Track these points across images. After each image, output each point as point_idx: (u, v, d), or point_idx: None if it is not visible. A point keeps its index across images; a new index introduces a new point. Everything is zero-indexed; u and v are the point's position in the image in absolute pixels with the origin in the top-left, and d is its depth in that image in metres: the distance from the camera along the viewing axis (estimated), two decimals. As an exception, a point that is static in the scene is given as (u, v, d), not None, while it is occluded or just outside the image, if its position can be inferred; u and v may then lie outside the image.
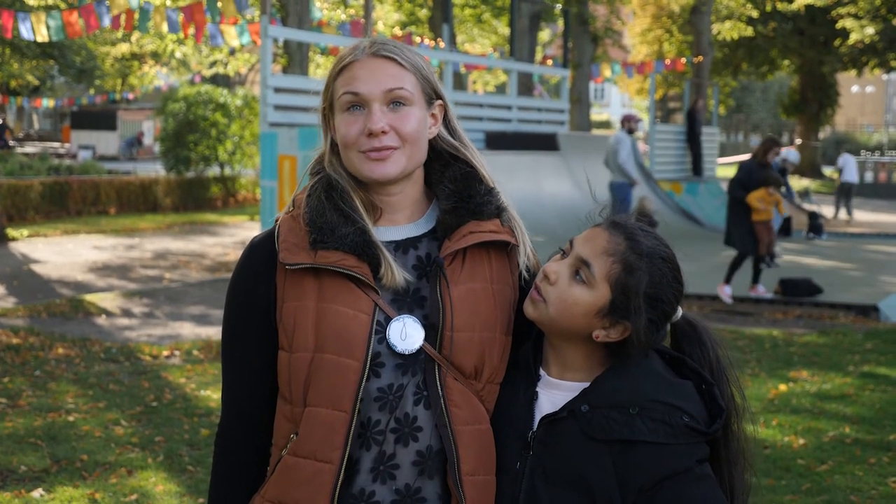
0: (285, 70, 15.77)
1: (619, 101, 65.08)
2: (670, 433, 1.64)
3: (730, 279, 10.02)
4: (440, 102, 1.78)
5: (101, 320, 9.26)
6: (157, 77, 35.21)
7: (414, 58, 1.74)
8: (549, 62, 26.10)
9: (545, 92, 26.83)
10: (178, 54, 24.30)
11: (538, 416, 1.73)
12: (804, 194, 21.37)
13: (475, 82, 35.10)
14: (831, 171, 35.16)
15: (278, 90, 11.24)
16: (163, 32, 16.58)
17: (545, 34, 33.38)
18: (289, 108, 11.23)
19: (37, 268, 12.82)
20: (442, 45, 17.31)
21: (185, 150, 21.50)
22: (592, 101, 43.78)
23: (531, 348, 1.80)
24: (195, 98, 21.62)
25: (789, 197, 14.88)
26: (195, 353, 7.84)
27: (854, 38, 28.82)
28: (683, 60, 25.37)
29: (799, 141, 33.64)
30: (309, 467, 1.67)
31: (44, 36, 13.19)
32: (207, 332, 8.77)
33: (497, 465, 1.74)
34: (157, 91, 32.92)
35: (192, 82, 27.28)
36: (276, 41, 15.10)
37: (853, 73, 34.35)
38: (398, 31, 24.12)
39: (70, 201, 19.04)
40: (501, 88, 35.76)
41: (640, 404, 1.66)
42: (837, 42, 31.26)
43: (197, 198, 21.71)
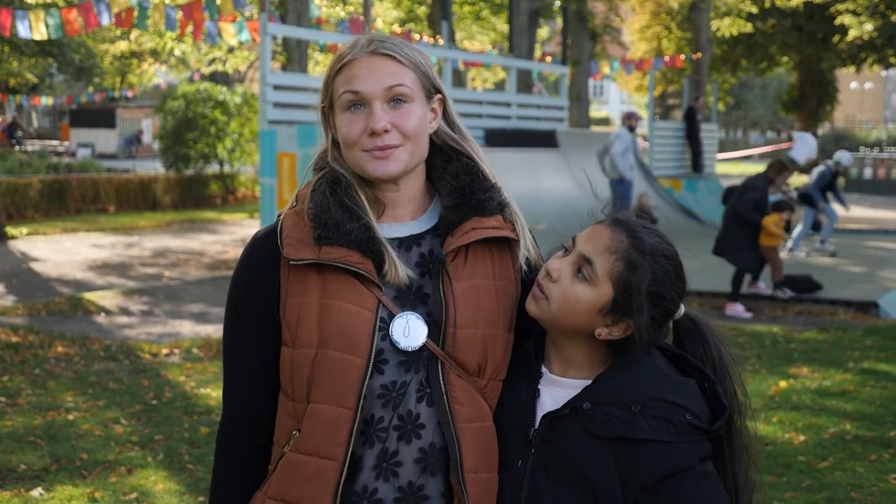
0: (284, 67, 15.76)
1: (618, 97, 65.09)
2: (673, 431, 1.64)
3: (737, 297, 9.71)
4: (439, 96, 1.78)
5: (101, 318, 9.26)
6: (156, 75, 35.21)
7: (412, 53, 1.73)
8: (549, 59, 26.06)
9: (544, 89, 26.81)
10: (177, 52, 24.28)
11: (540, 414, 1.73)
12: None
13: (474, 80, 35.07)
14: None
15: (277, 88, 11.22)
16: (162, 30, 16.56)
17: (544, 31, 33.34)
18: (288, 105, 11.21)
19: (36, 266, 12.81)
20: (441, 42, 17.30)
21: (184, 147, 21.49)
22: (591, 97, 43.75)
23: (533, 345, 1.80)
24: (194, 96, 21.61)
25: (841, 201, 14.71)
26: (195, 351, 7.83)
27: (853, 34, 28.81)
28: (682, 57, 25.34)
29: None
30: (312, 464, 1.67)
31: (42, 34, 13.17)
32: (207, 330, 8.77)
33: (499, 463, 1.74)
34: (156, 89, 32.96)
35: (191, 80, 27.27)
36: (275, 38, 15.09)
37: (852, 69, 34.32)
38: (397, 28, 24.10)
39: (69, 199, 19.04)
40: (500, 85, 35.74)
41: (642, 402, 1.66)
42: (836, 38, 31.24)
43: (196, 195, 21.71)
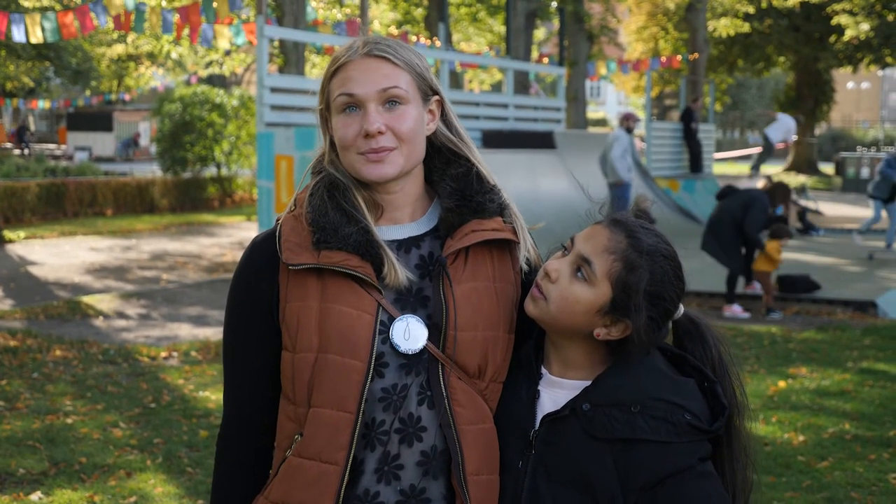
0: (281, 70, 15.75)
1: (616, 98, 65.12)
2: (672, 431, 1.64)
3: (733, 298, 9.73)
4: (437, 98, 1.77)
5: (99, 322, 9.25)
6: (153, 78, 35.15)
7: (408, 55, 1.73)
8: (545, 60, 26.07)
9: (541, 90, 26.83)
10: (174, 55, 24.26)
11: (540, 415, 1.73)
12: (800, 191, 21.33)
13: (471, 81, 35.06)
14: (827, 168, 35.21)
15: (274, 90, 11.21)
16: (158, 33, 16.56)
17: (541, 32, 33.34)
18: (285, 108, 11.20)
19: (34, 270, 12.80)
20: (438, 44, 17.30)
21: (181, 150, 21.48)
22: (588, 99, 43.79)
23: (533, 346, 1.79)
24: (191, 99, 21.61)
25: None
26: (193, 354, 7.83)
27: (849, 34, 28.82)
28: (679, 58, 25.32)
29: (794, 137, 33.62)
30: (314, 468, 1.67)
31: (38, 37, 13.16)
32: (205, 332, 8.76)
33: (500, 464, 1.73)
34: (153, 92, 32.88)
35: (188, 83, 27.25)
36: (271, 41, 15.08)
37: (849, 69, 34.34)
38: (394, 30, 24.08)
39: (67, 203, 19.02)
40: (497, 87, 35.75)
41: (641, 402, 1.66)
42: (833, 38, 31.25)
43: (194, 198, 21.69)
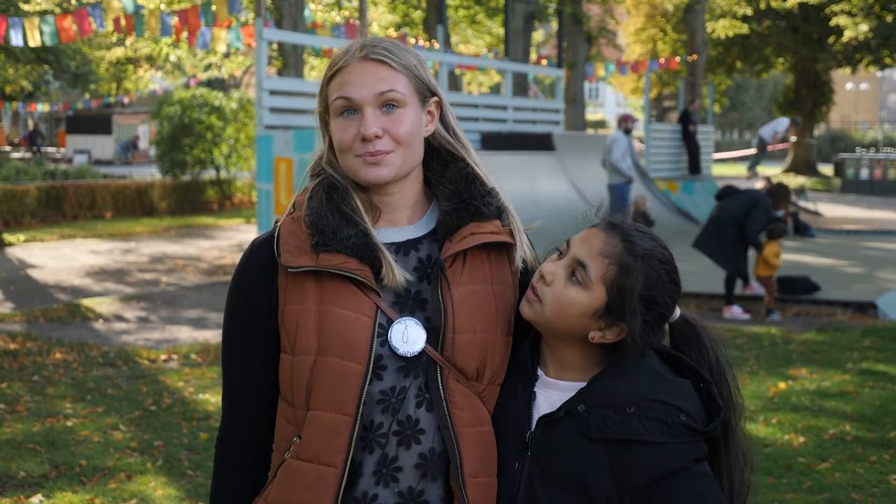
0: (280, 72, 15.77)
1: (614, 100, 65.11)
2: (667, 432, 1.64)
3: (732, 300, 9.71)
4: (436, 99, 1.77)
5: (99, 325, 9.25)
6: (151, 81, 35.16)
7: (406, 57, 1.73)
8: (544, 62, 26.08)
9: (540, 92, 26.83)
10: (173, 58, 24.27)
11: (536, 417, 1.73)
12: (800, 192, 21.34)
13: (469, 83, 35.06)
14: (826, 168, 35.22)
15: (273, 93, 11.22)
16: (157, 36, 16.58)
17: (539, 34, 33.36)
18: (284, 110, 11.21)
19: (33, 273, 12.80)
20: (436, 46, 17.32)
21: (180, 153, 21.49)
22: (587, 100, 43.79)
23: (529, 348, 1.80)
24: (190, 101, 21.62)
25: None
26: (193, 356, 7.83)
27: (848, 35, 28.83)
28: (678, 59, 25.35)
29: (794, 139, 33.62)
30: (312, 471, 1.67)
31: (37, 41, 13.17)
32: (205, 335, 8.76)
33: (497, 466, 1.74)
34: (152, 95, 32.90)
35: (186, 86, 27.25)
36: (270, 44, 15.09)
37: (847, 70, 34.33)
38: (392, 32, 24.09)
39: (66, 206, 19.02)
40: (496, 89, 35.76)
41: (636, 403, 1.66)
42: (831, 39, 31.26)
43: (193, 201, 21.69)
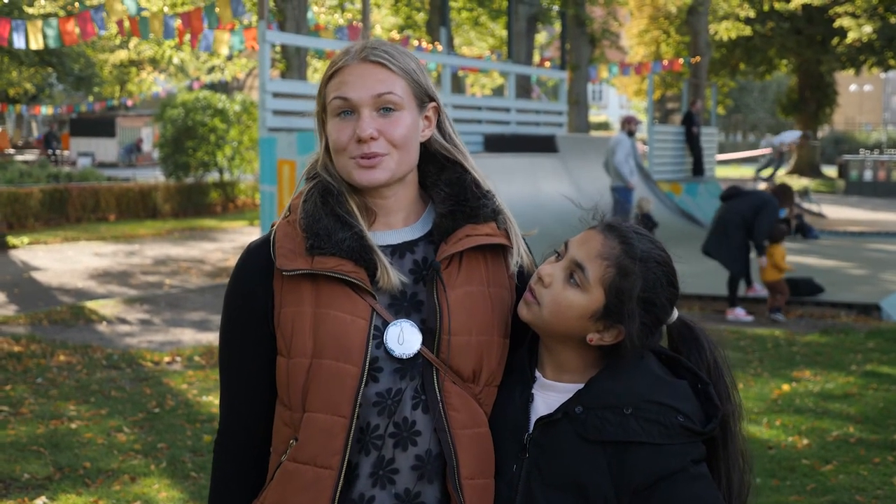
0: (283, 75, 15.77)
1: (617, 102, 65.11)
2: (665, 433, 1.64)
3: (735, 301, 9.71)
4: (434, 105, 1.77)
5: (102, 327, 9.26)
6: (155, 83, 35.21)
7: (405, 61, 1.73)
8: (547, 64, 26.09)
9: (543, 94, 26.84)
10: (176, 60, 24.31)
11: (534, 418, 1.73)
12: (803, 194, 21.33)
13: (472, 85, 35.07)
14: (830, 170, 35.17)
15: (277, 95, 11.24)
16: (160, 39, 16.62)
17: (542, 36, 33.39)
18: (287, 112, 11.22)
19: (37, 275, 12.81)
20: (439, 48, 17.32)
21: (183, 155, 21.51)
22: (590, 102, 43.80)
23: (526, 350, 1.80)
24: (193, 104, 21.65)
25: None
26: (196, 358, 7.84)
27: (852, 36, 28.81)
28: (681, 61, 25.37)
29: (792, 143, 33.60)
30: (309, 473, 1.67)
31: (39, 44, 13.20)
32: (208, 337, 8.77)
33: (495, 468, 1.73)
34: (156, 97, 32.92)
35: (190, 88, 27.29)
36: (273, 46, 15.10)
37: (851, 72, 34.30)
38: (395, 34, 24.11)
39: (70, 208, 19.05)
40: (499, 91, 35.77)
41: (634, 405, 1.66)
42: (835, 41, 31.23)
43: (196, 203, 21.71)
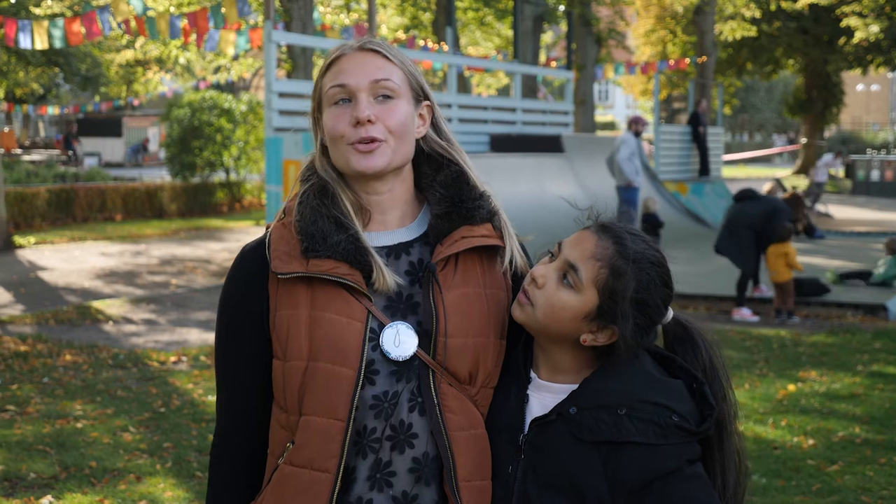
0: (289, 75, 15.79)
1: (624, 102, 65.01)
2: (659, 433, 1.63)
3: (742, 301, 9.66)
4: (427, 104, 1.78)
5: (109, 327, 9.28)
6: (161, 83, 35.25)
7: (401, 55, 1.75)
8: (553, 64, 26.07)
9: (549, 94, 26.82)
10: (182, 60, 24.34)
11: (529, 419, 1.73)
12: (808, 194, 21.28)
13: (478, 85, 35.05)
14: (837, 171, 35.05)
15: (283, 95, 11.25)
16: (166, 38, 16.65)
17: (548, 36, 33.33)
18: (293, 112, 11.24)
19: (44, 275, 12.84)
20: (445, 48, 17.32)
21: (190, 155, 21.55)
22: (597, 102, 43.71)
23: (521, 351, 1.79)
24: (200, 104, 21.69)
25: None
26: (202, 358, 7.85)
27: (859, 36, 28.71)
28: (687, 61, 25.32)
29: (804, 140, 33.56)
30: (306, 476, 1.67)
31: (45, 44, 13.23)
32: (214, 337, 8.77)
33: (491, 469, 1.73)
34: (162, 97, 32.97)
35: (196, 88, 27.32)
36: (279, 46, 15.12)
37: (858, 71, 34.23)
38: (401, 34, 24.11)
39: (76, 208, 19.10)
40: (505, 91, 35.76)
41: (628, 405, 1.65)
42: (842, 41, 31.14)
43: (202, 203, 21.75)
